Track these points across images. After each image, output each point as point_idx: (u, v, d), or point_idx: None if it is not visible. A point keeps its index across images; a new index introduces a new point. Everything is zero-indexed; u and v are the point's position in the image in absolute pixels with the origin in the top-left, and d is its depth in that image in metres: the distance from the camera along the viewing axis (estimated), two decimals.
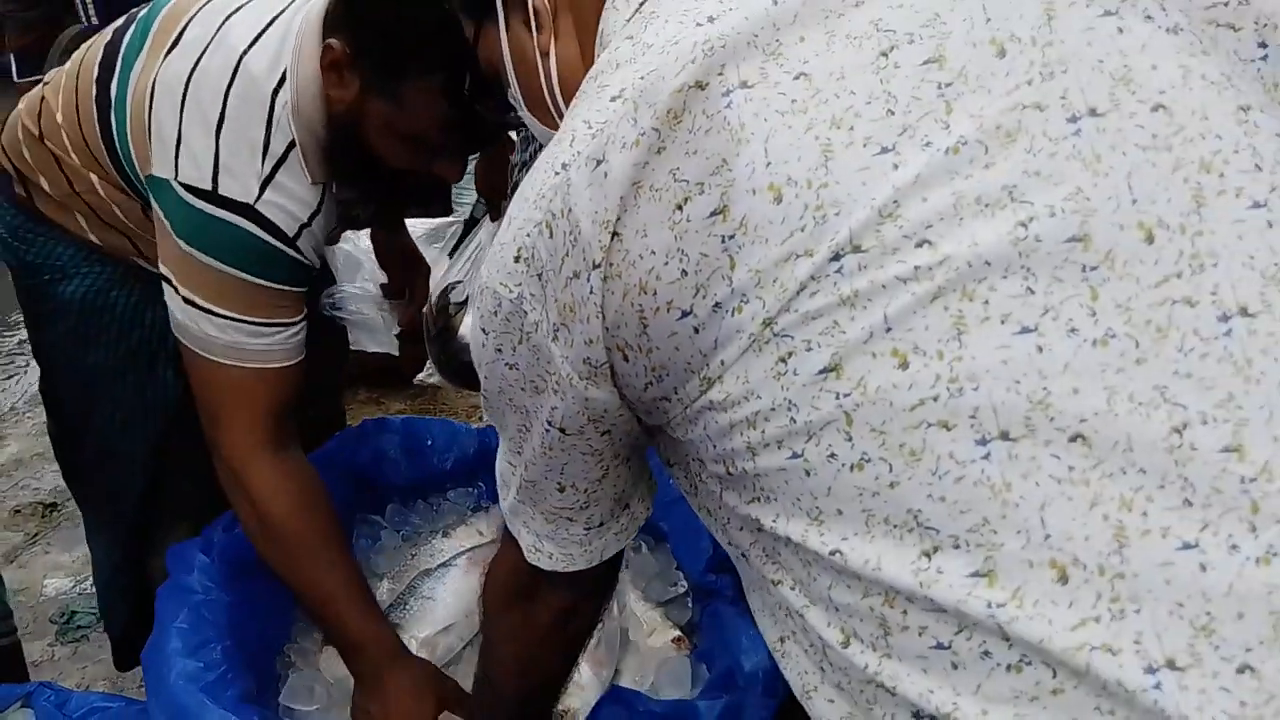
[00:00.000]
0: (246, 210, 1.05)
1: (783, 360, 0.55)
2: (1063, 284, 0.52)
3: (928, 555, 0.52)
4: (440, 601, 1.17)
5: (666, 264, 0.57)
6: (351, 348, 1.56)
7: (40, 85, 1.28)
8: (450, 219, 2.70)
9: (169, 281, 1.09)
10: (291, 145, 1.06)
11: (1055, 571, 0.50)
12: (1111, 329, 0.52)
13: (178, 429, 1.34)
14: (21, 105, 1.28)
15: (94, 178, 1.20)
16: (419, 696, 1.06)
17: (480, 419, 2.18)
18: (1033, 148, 0.54)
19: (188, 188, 1.05)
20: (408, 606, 1.16)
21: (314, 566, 1.10)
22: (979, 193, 0.54)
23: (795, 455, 0.56)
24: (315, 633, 1.20)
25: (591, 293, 0.59)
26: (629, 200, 0.57)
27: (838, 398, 0.54)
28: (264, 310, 1.09)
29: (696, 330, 0.57)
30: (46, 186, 1.25)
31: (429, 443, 1.42)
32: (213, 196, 1.04)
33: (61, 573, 2.06)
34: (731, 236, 0.56)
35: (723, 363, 0.57)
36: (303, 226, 1.08)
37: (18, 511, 2.24)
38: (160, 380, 1.32)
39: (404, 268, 1.60)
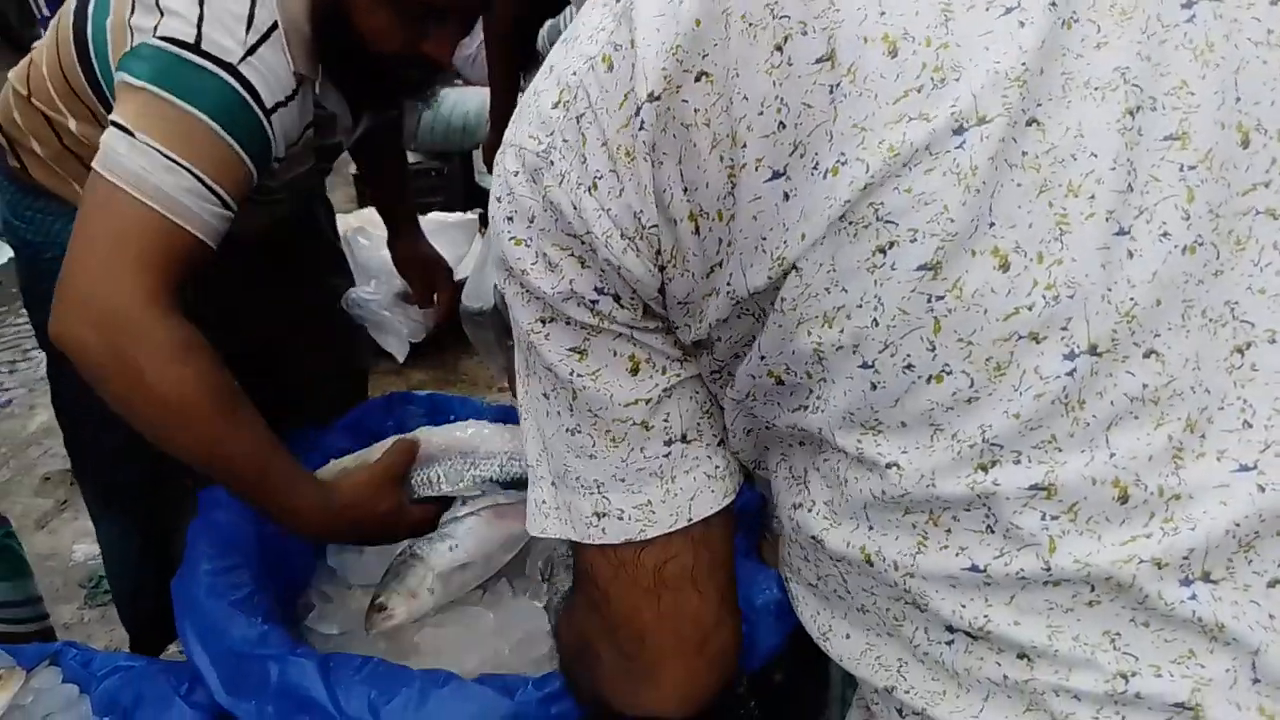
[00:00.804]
0: (229, 68, 1.03)
1: (881, 251, 0.50)
2: (1159, 183, 0.49)
3: (984, 469, 0.52)
4: (460, 541, 1.23)
5: (762, 113, 0.51)
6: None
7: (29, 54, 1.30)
8: (468, 215, 2.78)
9: (119, 126, 1.03)
10: (275, 26, 1.06)
11: (1117, 490, 0.50)
12: (1201, 235, 0.49)
13: None
14: (10, 74, 1.32)
15: (82, 126, 1.23)
16: (376, 501, 1.12)
17: (501, 389, 2.24)
18: (1147, 29, 0.50)
19: (168, 39, 1.03)
20: (430, 540, 1.23)
21: (225, 431, 1.02)
22: (1089, 75, 0.50)
23: (866, 365, 0.53)
24: (340, 577, 1.27)
25: (642, 129, 0.53)
26: (714, 30, 0.51)
27: (929, 301, 0.50)
28: (215, 169, 1.03)
29: (786, 197, 0.52)
30: (38, 148, 1.28)
31: (450, 417, 1.48)
32: (195, 49, 1.03)
33: (89, 539, 2.14)
34: (838, 85, 0.50)
35: (804, 236, 0.52)
36: (279, 104, 1.07)
37: (47, 479, 2.33)
38: None
39: (426, 272, 1.66)
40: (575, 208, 0.56)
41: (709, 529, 0.65)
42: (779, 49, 0.50)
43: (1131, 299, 0.50)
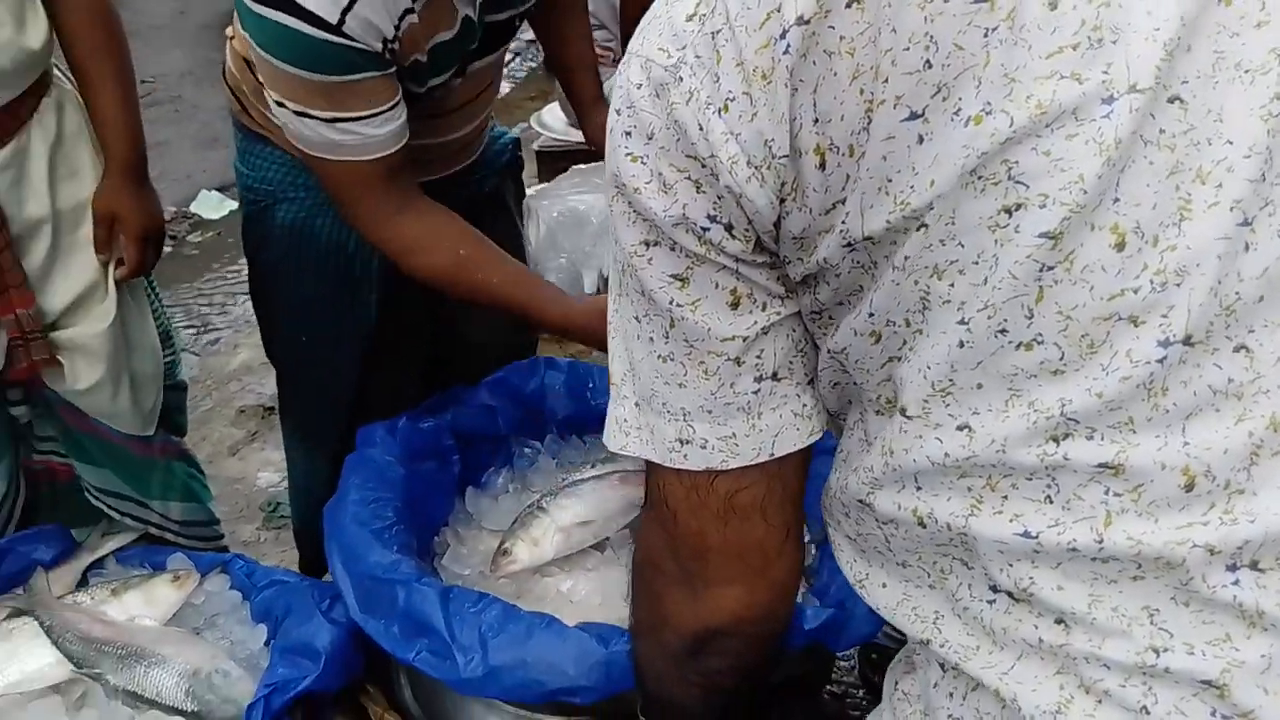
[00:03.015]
0: (282, 2, 1.04)
1: (1007, 211, 0.49)
2: None
3: (1056, 440, 0.53)
4: (585, 499, 1.30)
5: (909, 49, 0.49)
6: None
7: None
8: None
9: (274, 99, 1.13)
10: None
11: (1184, 478, 0.51)
12: None
13: (379, 349, 1.53)
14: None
15: None
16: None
17: None
18: None
19: None
20: (556, 496, 1.30)
21: (474, 283, 1.24)
22: (1241, 56, 0.48)
23: (962, 322, 0.52)
24: (475, 520, 1.38)
25: (785, 53, 0.51)
26: None
27: (1040, 270, 0.50)
28: (346, 105, 1.10)
29: (921, 139, 0.50)
30: (245, 88, 1.39)
31: (590, 385, 1.56)
32: None
33: (272, 468, 2.36)
34: (994, 29, 0.48)
35: (932, 184, 0.50)
36: (345, 10, 1.04)
37: (242, 411, 2.57)
38: (364, 304, 1.47)
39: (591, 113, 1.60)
40: (701, 129, 0.54)
41: (785, 464, 0.66)
42: None
43: (1237, 293, 0.49)
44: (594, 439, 1.53)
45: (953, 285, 0.52)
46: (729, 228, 0.57)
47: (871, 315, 0.57)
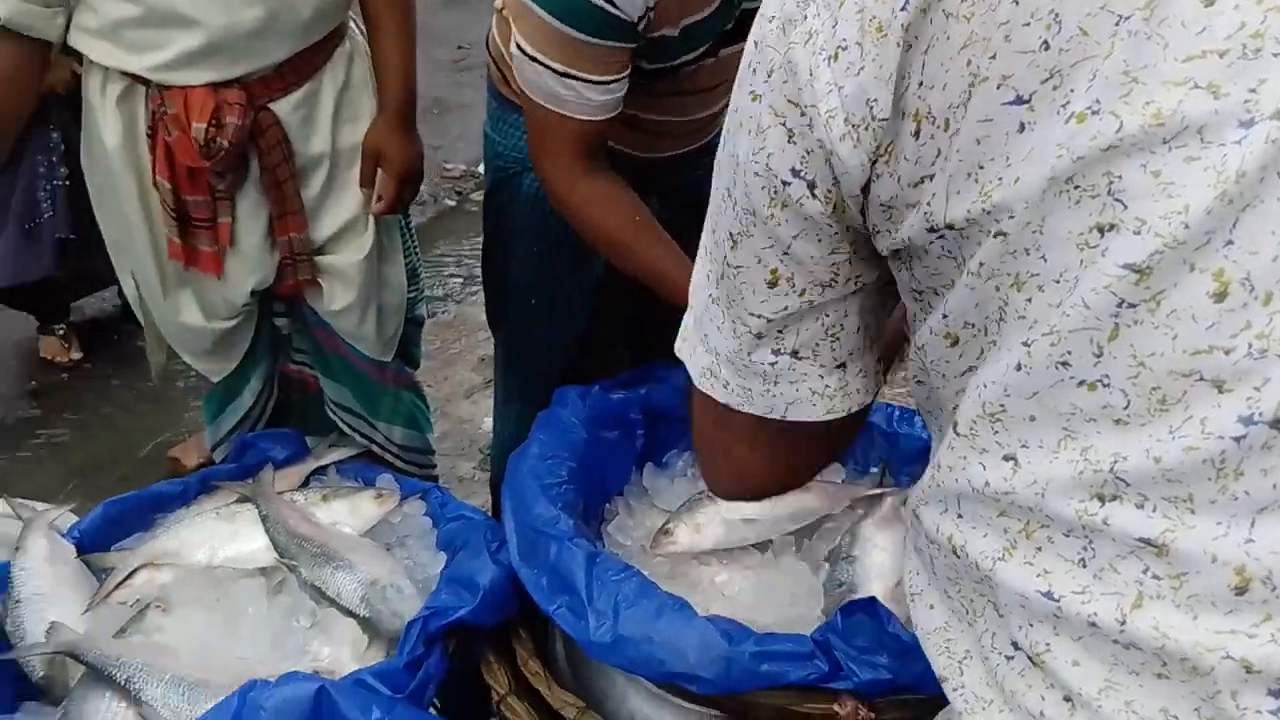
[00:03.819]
0: None
1: (1100, 230, 0.44)
2: None
3: (1101, 500, 0.47)
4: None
5: (1028, 25, 0.43)
6: None
7: None
8: None
9: (517, 42, 1.21)
10: None
11: (1238, 578, 0.44)
12: None
13: (599, 319, 1.60)
14: None
15: None
16: None
17: None
18: None
19: None
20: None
21: (637, 251, 1.29)
22: None
23: (1025, 343, 0.48)
24: (648, 495, 1.41)
25: (903, 8, 0.46)
26: None
27: (1119, 306, 0.44)
28: (577, 62, 1.17)
29: (1021, 128, 0.45)
30: (507, 56, 1.45)
31: None
32: None
33: None
34: (1128, 17, 0.41)
35: (1018, 181, 0.45)
36: None
37: (483, 360, 2.76)
38: (591, 274, 1.54)
39: None
40: (810, 74, 0.51)
41: (800, 426, 0.65)
42: None
43: None
44: None
45: (1029, 300, 0.47)
46: (811, 185, 0.54)
47: (945, 317, 0.53)
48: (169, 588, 1.34)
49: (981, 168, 0.47)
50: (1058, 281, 0.46)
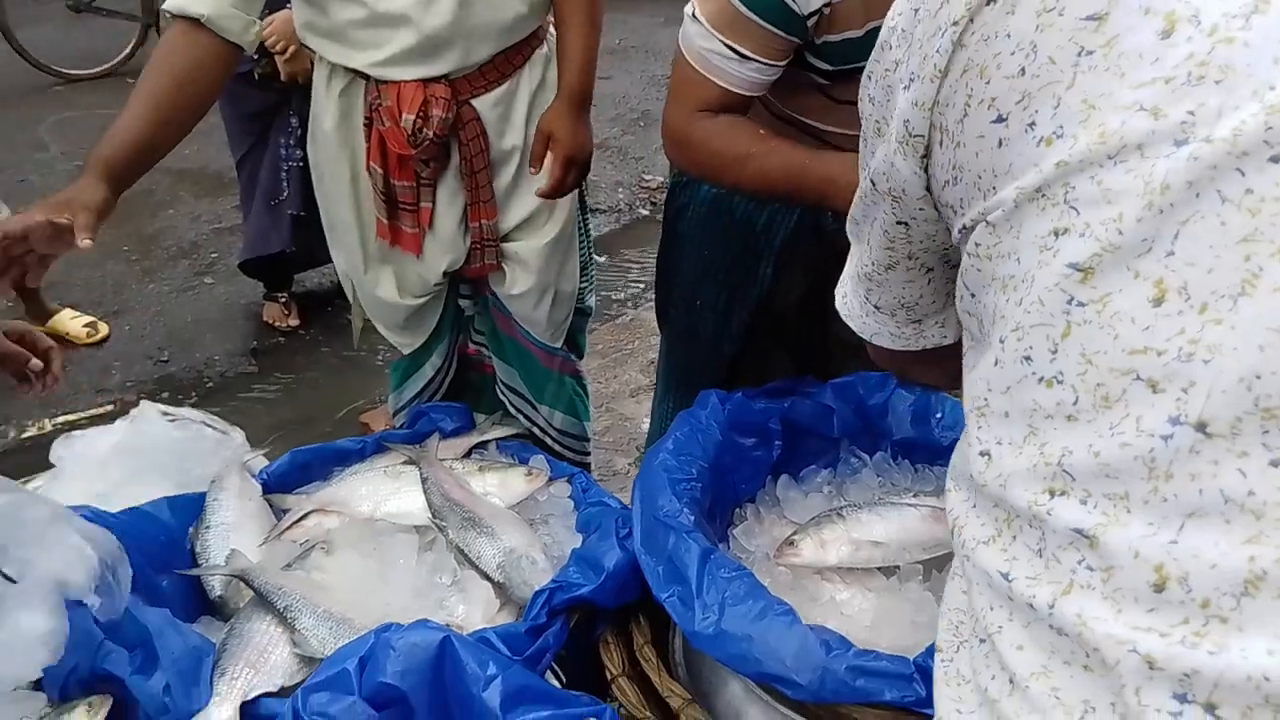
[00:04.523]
0: None
1: (1055, 234, 0.48)
2: None
3: (1051, 494, 0.50)
4: (887, 521, 1.29)
5: (1013, 54, 0.49)
6: None
7: None
8: None
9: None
10: None
11: (1157, 576, 0.46)
12: None
13: (760, 325, 1.64)
14: None
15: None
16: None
17: None
18: None
19: None
20: (859, 509, 1.31)
21: (769, 160, 1.27)
22: None
23: (1001, 340, 0.52)
24: (779, 505, 1.43)
25: (939, 52, 0.54)
26: None
27: (1069, 303, 0.48)
28: (739, 36, 1.22)
29: (1000, 144, 0.51)
30: None
31: (938, 415, 1.51)
32: None
33: None
34: (1090, 52, 0.46)
35: (1003, 199, 0.51)
36: None
37: (651, 363, 2.85)
38: (759, 276, 1.59)
39: None
40: (888, 90, 0.60)
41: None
42: None
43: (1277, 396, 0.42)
44: (925, 468, 1.50)
45: (1007, 300, 0.52)
46: (896, 197, 0.63)
47: (971, 295, 0.58)
48: (334, 532, 1.47)
49: (980, 177, 0.53)
50: (1023, 281, 0.50)
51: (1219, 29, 0.43)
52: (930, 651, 1.03)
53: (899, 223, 0.64)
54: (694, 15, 1.26)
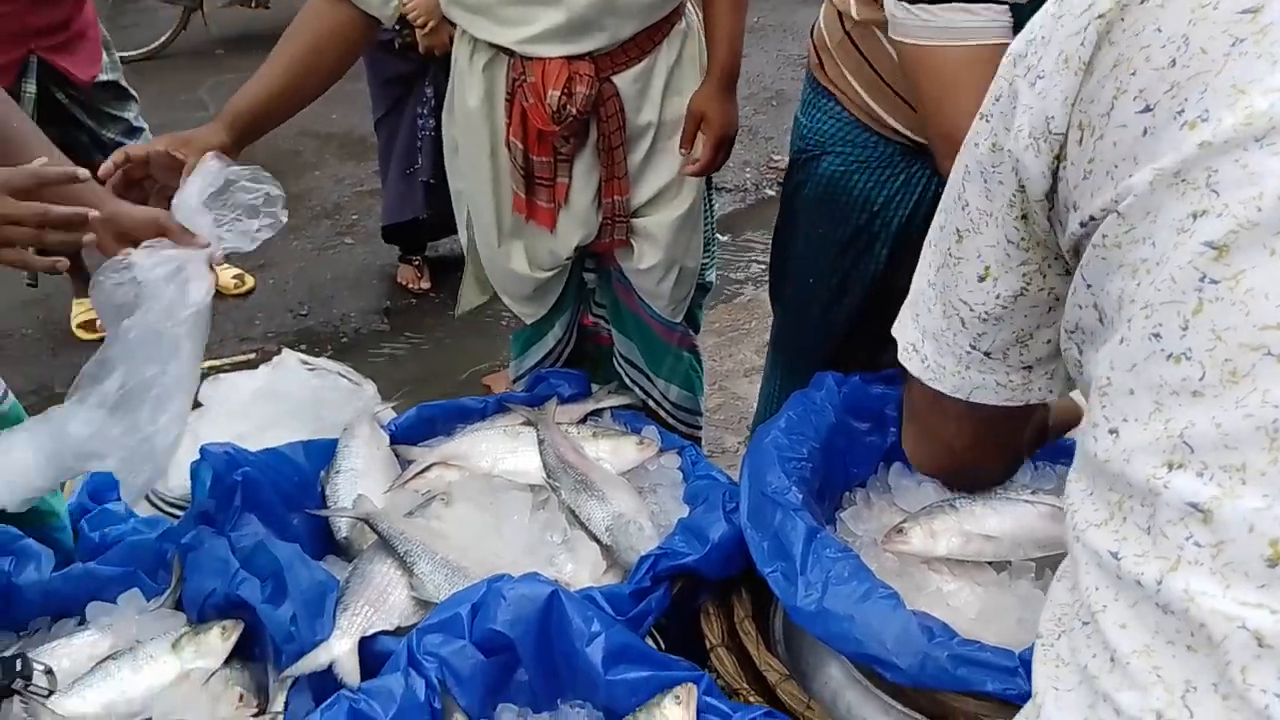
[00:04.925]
0: None
1: (1193, 216, 0.48)
2: None
3: (1169, 467, 0.49)
4: (1001, 515, 1.27)
5: (1163, 47, 0.50)
6: None
7: None
8: None
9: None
10: None
11: (1272, 551, 0.45)
12: None
13: (874, 305, 1.62)
14: None
15: (860, 7, 1.41)
16: None
17: None
18: None
19: None
20: (973, 501, 1.29)
21: None
22: None
23: (1128, 320, 0.52)
24: (889, 492, 1.42)
25: (1083, 45, 0.55)
26: None
27: (1202, 280, 0.48)
28: None
29: (1145, 132, 0.51)
30: (829, 41, 1.52)
31: None
32: None
33: None
34: (1243, 40, 0.47)
35: (1136, 184, 0.51)
36: None
37: (767, 343, 2.84)
38: (874, 258, 1.59)
39: None
40: (1015, 95, 0.61)
41: (984, 408, 0.74)
42: None
43: None
44: (1045, 466, 1.46)
45: (1139, 284, 0.52)
46: (1006, 194, 0.63)
47: (1089, 286, 0.58)
48: (454, 485, 1.54)
49: (1116, 166, 0.53)
50: (1158, 263, 0.50)
51: None
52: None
53: (1024, 237, 0.64)
54: (902, 1, 1.20)
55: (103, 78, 2.76)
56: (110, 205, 1.23)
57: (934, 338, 0.73)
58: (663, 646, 1.35)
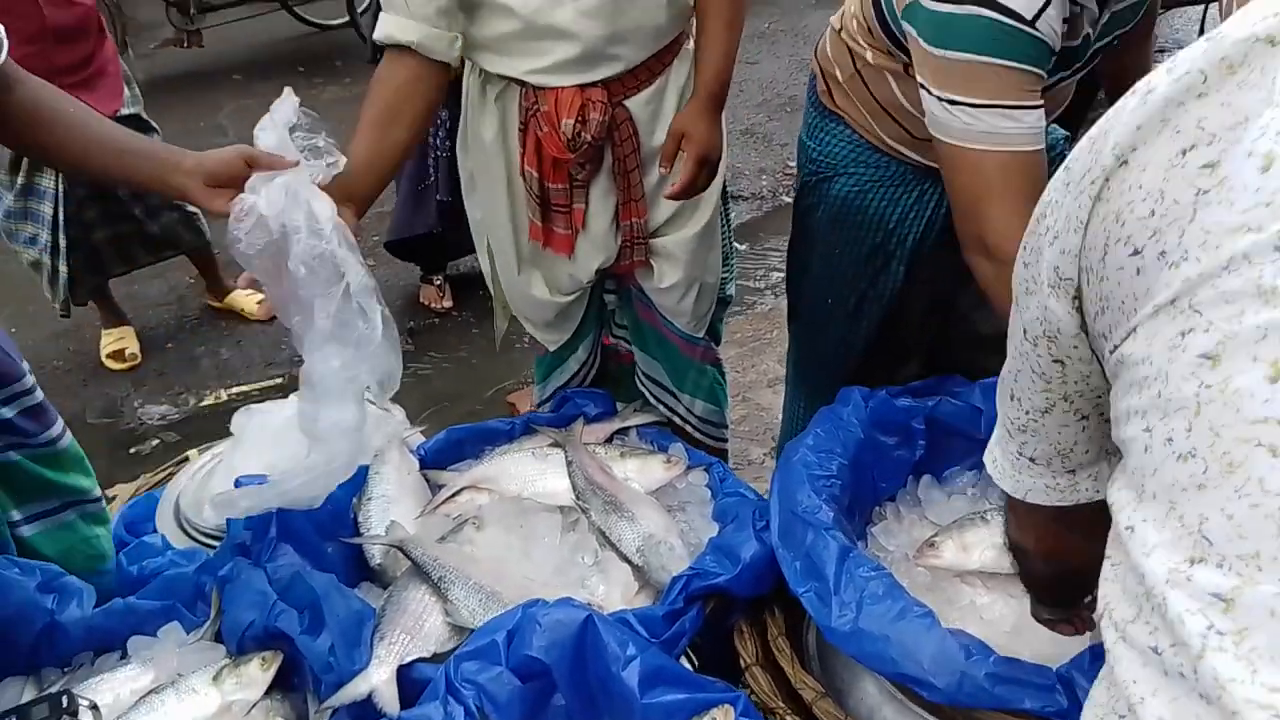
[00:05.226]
0: (984, 1, 1.15)
1: (1181, 334, 0.55)
2: None
3: (1191, 562, 0.53)
4: None
5: (1144, 200, 0.59)
6: None
7: None
8: None
9: (926, 90, 1.23)
10: None
11: None
12: None
13: (892, 323, 1.62)
14: (833, 17, 1.57)
15: (876, 55, 1.44)
16: None
17: None
18: None
19: None
20: (1004, 513, 1.28)
21: None
22: None
23: (1147, 430, 0.58)
24: (919, 507, 1.42)
25: (1080, 208, 0.63)
26: (1150, 133, 0.59)
27: (1200, 386, 0.54)
28: (1012, 93, 1.18)
29: (1139, 272, 0.59)
30: (838, 74, 1.53)
31: None
32: None
33: None
34: (1206, 191, 0.55)
35: (1143, 313, 0.59)
36: (1042, 9, 1.15)
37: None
38: (890, 277, 1.59)
39: None
40: (1038, 252, 0.69)
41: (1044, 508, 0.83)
42: (1183, 153, 0.57)
43: None
44: None
45: (1141, 396, 0.58)
46: (1050, 339, 0.71)
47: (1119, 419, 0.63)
48: (484, 508, 1.55)
49: (1124, 302, 0.61)
50: (1156, 379, 0.57)
51: None
52: (1074, 663, 1.01)
53: (1055, 361, 0.72)
54: (957, 104, 1.20)
55: (124, 111, 2.80)
56: (190, 157, 1.28)
57: (999, 443, 0.84)
58: (696, 666, 1.35)
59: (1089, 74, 1.41)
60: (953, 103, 1.20)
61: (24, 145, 1.34)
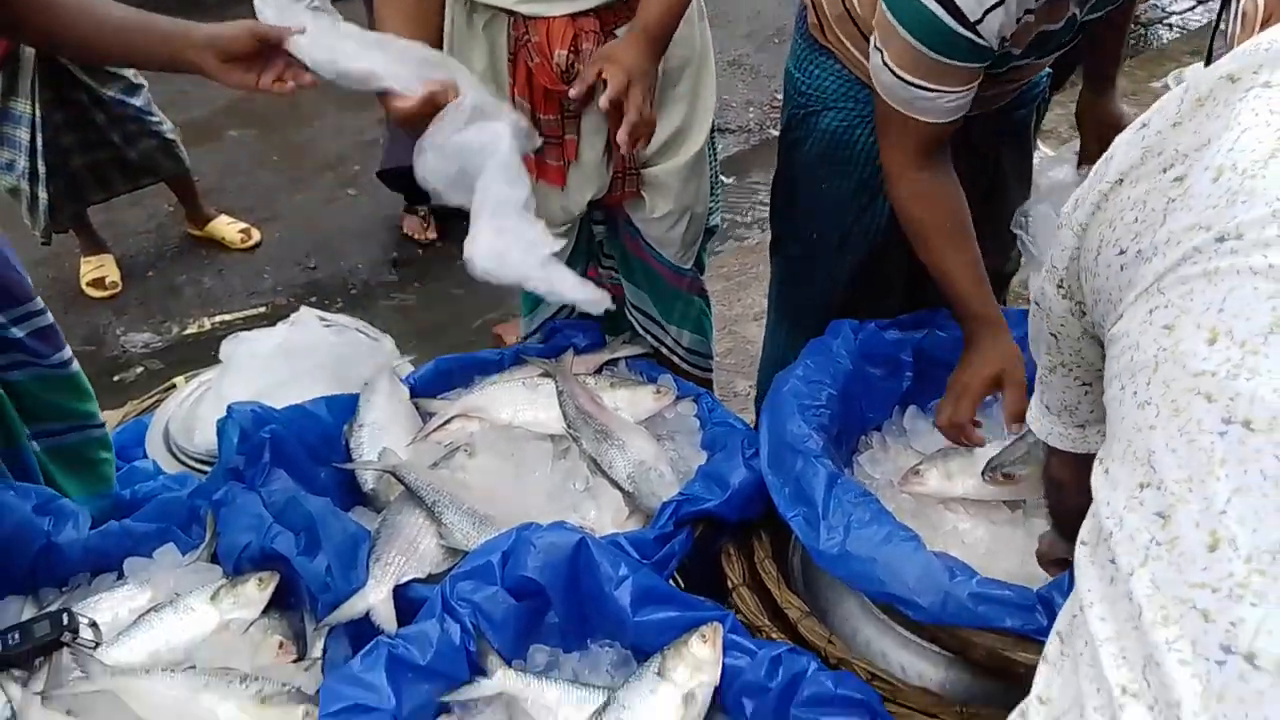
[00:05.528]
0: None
1: (1150, 311, 0.65)
2: None
3: (1142, 486, 0.61)
4: (1018, 459, 1.29)
5: (1131, 209, 0.69)
6: None
7: None
8: None
9: (876, 46, 1.31)
10: None
11: (1210, 539, 0.56)
12: None
13: (877, 258, 1.64)
14: None
15: None
16: (985, 363, 1.34)
17: None
18: None
19: None
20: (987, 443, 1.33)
21: (938, 251, 1.37)
22: None
23: (1122, 388, 0.67)
24: (905, 436, 1.45)
25: (1081, 217, 0.74)
26: (1142, 162, 0.69)
27: (1159, 350, 0.64)
28: (935, 79, 1.27)
29: (1122, 268, 0.69)
30: (828, 9, 1.52)
31: None
32: None
33: None
34: (1174, 200, 0.66)
35: (1127, 301, 0.68)
36: (988, 10, 1.19)
37: None
38: (876, 212, 1.59)
39: (1104, 130, 1.62)
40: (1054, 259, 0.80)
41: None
42: (1164, 170, 0.67)
43: None
44: None
45: (1116, 358, 0.68)
46: (1047, 315, 0.84)
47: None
48: (476, 436, 1.57)
49: (1111, 295, 0.71)
50: (1132, 348, 0.66)
51: (1248, 170, 0.61)
52: (1054, 584, 1.05)
53: (1051, 334, 0.83)
54: (887, 65, 1.29)
55: None
56: (199, 30, 1.26)
57: (1035, 387, 0.92)
58: (684, 587, 1.39)
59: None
60: (888, 67, 1.28)
61: (29, 32, 1.30)
